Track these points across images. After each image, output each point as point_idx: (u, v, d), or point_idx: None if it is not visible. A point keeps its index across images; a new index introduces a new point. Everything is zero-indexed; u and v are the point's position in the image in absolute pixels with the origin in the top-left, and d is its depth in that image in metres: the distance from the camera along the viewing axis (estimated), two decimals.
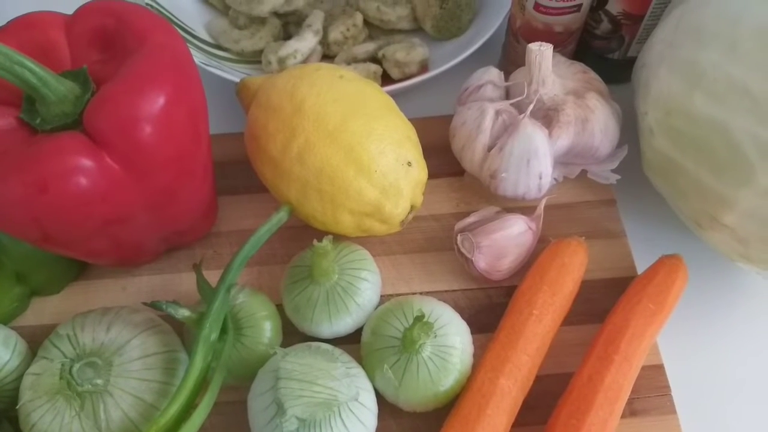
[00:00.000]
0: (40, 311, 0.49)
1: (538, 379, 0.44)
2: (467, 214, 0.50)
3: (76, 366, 0.40)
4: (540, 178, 0.47)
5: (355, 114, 0.44)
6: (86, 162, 0.36)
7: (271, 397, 0.40)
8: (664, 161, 0.46)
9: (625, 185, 0.52)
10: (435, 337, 0.42)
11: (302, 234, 0.51)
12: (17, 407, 0.41)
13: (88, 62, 0.40)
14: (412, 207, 0.46)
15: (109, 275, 0.51)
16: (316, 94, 0.44)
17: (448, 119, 0.54)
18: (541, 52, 0.46)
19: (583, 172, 0.51)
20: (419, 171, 0.46)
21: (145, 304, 0.42)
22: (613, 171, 0.50)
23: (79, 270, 0.50)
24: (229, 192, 0.53)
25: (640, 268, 0.49)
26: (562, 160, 0.50)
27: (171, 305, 0.42)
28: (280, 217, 0.45)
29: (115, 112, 0.37)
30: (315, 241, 0.42)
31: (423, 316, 0.39)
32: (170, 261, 0.51)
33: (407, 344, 0.41)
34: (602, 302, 0.47)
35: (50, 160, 0.36)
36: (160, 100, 0.38)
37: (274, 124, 0.44)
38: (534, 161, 0.46)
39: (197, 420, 0.39)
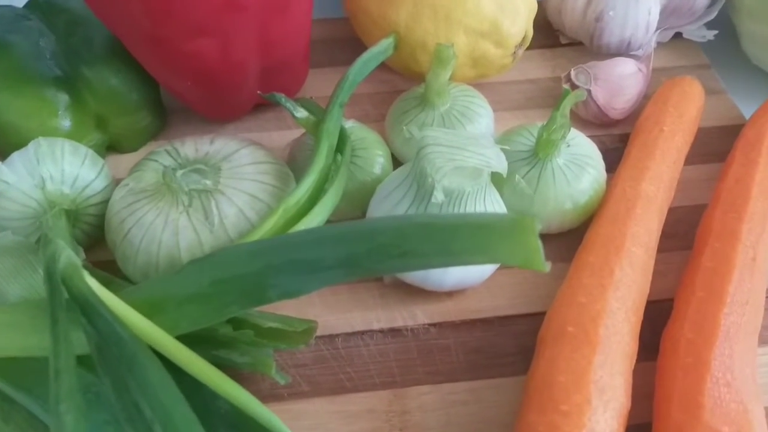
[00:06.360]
0: (115, 167, 0.44)
1: (670, 211, 0.41)
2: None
3: (180, 172, 0.36)
4: (649, 13, 0.46)
5: None
6: None
7: (404, 189, 0.36)
8: None
9: (713, 53, 0.52)
10: (568, 146, 0.39)
11: (394, 98, 0.48)
12: (114, 213, 0.37)
13: None
14: (524, 38, 0.44)
15: (191, 133, 0.47)
16: None
17: None
18: None
19: (675, 37, 0.51)
20: None
21: (260, 94, 0.38)
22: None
23: (159, 127, 0.47)
24: (312, 66, 0.51)
25: None
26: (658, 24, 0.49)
27: (290, 102, 0.38)
28: (388, 43, 0.43)
29: None
30: (437, 44, 0.40)
31: (569, 92, 0.37)
32: (257, 121, 0.48)
33: (543, 146, 0.38)
34: (718, 145, 0.45)
35: None
36: None
37: None
38: None
39: (328, 204, 0.35)
